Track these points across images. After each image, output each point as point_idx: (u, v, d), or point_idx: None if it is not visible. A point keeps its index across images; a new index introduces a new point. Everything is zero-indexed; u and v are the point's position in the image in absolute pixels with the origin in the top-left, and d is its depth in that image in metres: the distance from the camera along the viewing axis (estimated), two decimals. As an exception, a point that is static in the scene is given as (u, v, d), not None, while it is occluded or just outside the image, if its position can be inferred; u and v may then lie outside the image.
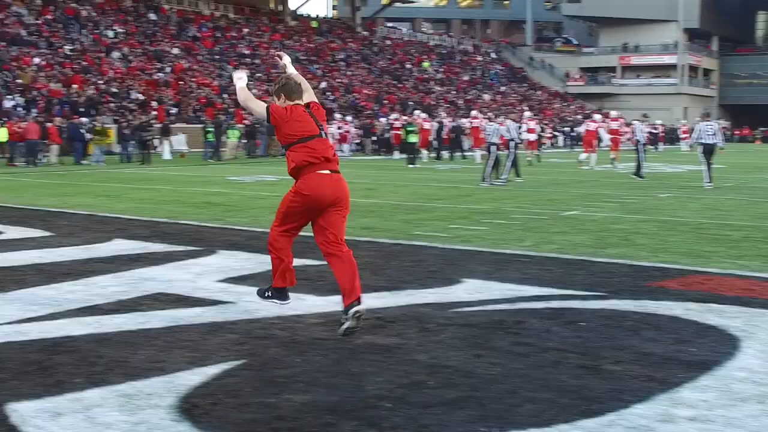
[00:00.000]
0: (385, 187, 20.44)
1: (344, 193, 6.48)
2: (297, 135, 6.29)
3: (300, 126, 6.30)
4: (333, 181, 6.35)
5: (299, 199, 6.35)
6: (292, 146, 6.33)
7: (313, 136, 6.31)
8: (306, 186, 6.27)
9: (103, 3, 58.64)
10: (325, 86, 61.12)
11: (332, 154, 6.43)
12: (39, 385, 5.11)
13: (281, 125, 6.36)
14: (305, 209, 6.39)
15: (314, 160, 6.26)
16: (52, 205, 15.86)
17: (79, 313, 6.98)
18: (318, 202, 6.32)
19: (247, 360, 5.66)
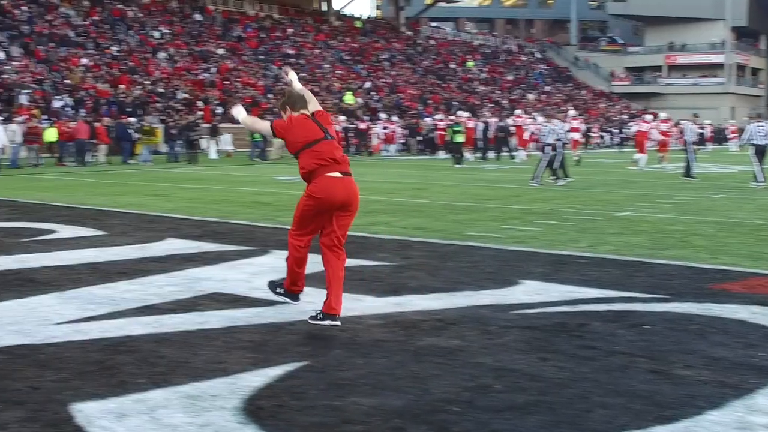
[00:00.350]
0: (433, 186, 20.33)
1: (355, 196, 6.64)
2: (302, 141, 6.50)
3: (303, 132, 6.52)
4: (344, 183, 6.51)
5: (312, 202, 6.52)
6: (300, 153, 6.54)
7: (318, 139, 6.50)
8: (317, 189, 6.45)
9: (149, 4, 59.08)
10: (370, 86, 61.13)
11: (340, 155, 6.57)
12: (102, 385, 5.08)
13: (286, 135, 6.60)
14: (318, 211, 6.54)
15: (323, 162, 6.44)
16: (103, 204, 15.93)
17: (137, 313, 6.95)
18: (330, 204, 6.47)
19: (309, 361, 5.59)
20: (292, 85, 7.15)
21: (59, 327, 6.48)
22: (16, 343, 6.03)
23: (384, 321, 6.68)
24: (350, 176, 6.60)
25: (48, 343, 6.04)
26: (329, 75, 61.00)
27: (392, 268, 9.07)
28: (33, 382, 5.13)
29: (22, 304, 7.28)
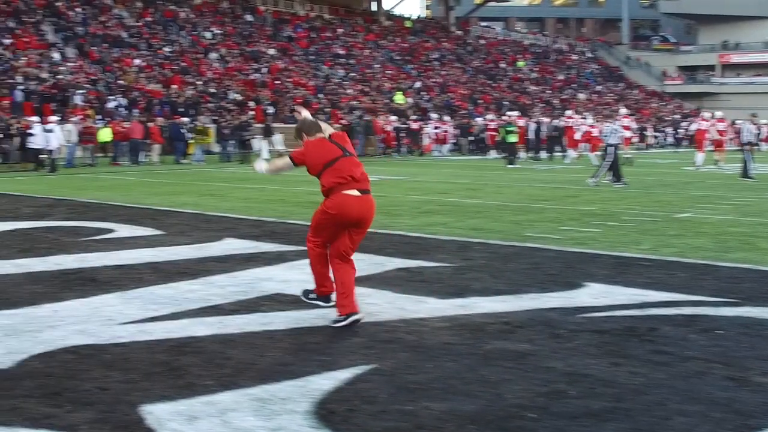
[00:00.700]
0: (487, 187, 20.17)
1: (370, 215, 6.80)
2: (321, 162, 6.58)
3: (322, 153, 6.62)
4: (360, 201, 6.65)
5: (325, 217, 6.67)
6: (321, 174, 6.60)
7: (337, 157, 6.59)
8: (332, 205, 6.57)
9: (200, 5, 59.47)
10: (420, 86, 61.02)
11: (360, 172, 6.69)
12: (170, 386, 5.04)
13: (305, 160, 6.66)
14: (332, 225, 6.66)
15: (342, 180, 6.55)
16: (159, 203, 16.00)
17: (200, 313, 6.92)
18: (344, 221, 6.62)
19: (377, 364, 5.51)
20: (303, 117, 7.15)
21: (124, 327, 6.47)
22: (81, 343, 6.02)
23: (450, 324, 6.57)
24: (369, 194, 6.76)
25: (113, 343, 6.03)
26: (379, 75, 60.97)
27: (453, 270, 8.97)
28: (101, 382, 5.11)
29: (86, 304, 7.29)
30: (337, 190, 6.54)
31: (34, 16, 47.37)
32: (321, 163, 6.57)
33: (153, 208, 15.16)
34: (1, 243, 10.99)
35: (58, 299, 7.46)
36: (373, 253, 9.94)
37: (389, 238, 11.29)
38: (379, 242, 10.88)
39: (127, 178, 23.80)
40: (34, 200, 17.05)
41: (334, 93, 53.52)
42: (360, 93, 55.61)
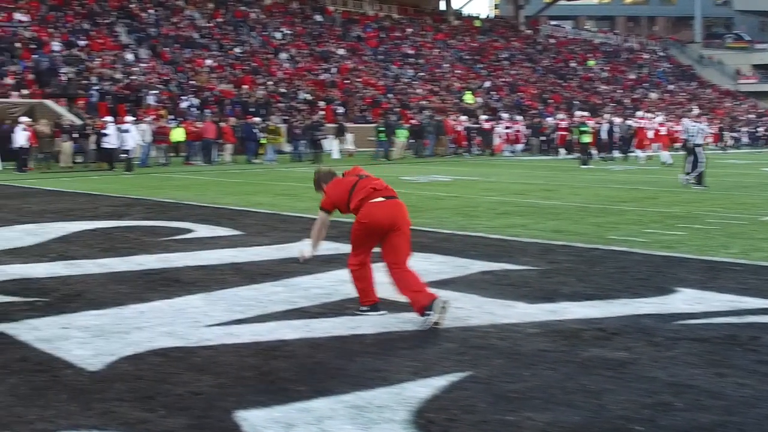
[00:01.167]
0: (562, 188, 19.86)
1: (401, 215, 6.88)
2: (344, 193, 6.83)
3: (341, 187, 6.89)
4: (387, 205, 6.79)
5: (360, 228, 6.78)
6: (349, 202, 6.81)
7: (355, 183, 6.85)
8: (363, 215, 6.71)
9: (270, 6, 59.82)
10: (489, 86, 60.65)
11: (379, 183, 6.90)
12: (262, 392, 4.95)
13: (332, 200, 6.90)
14: (368, 235, 6.78)
15: (365, 194, 6.73)
16: (235, 203, 16.01)
17: (286, 316, 6.83)
18: (377, 227, 6.71)
19: (473, 372, 5.35)
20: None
21: (211, 329, 6.40)
22: (170, 345, 5.96)
23: (542, 330, 6.39)
24: (395, 198, 6.90)
25: (202, 345, 5.97)
26: (449, 75, 60.75)
27: (539, 273, 8.77)
28: (193, 387, 5.03)
29: (171, 305, 7.25)
30: (364, 203, 6.71)
31: (108, 17, 48.01)
32: (344, 193, 6.81)
33: (230, 208, 15.17)
34: (83, 242, 11.05)
35: (143, 300, 7.43)
36: (454, 255, 9.80)
37: (469, 240, 11.13)
38: (460, 244, 10.73)
39: (201, 178, 23.94)
40: (112, 199, 17.19)
41: (403, 93, 53.42)
42: (429, 93, 55.45)
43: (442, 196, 17.58)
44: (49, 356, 5.71)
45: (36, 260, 9.64)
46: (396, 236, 6.76)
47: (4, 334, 6.28)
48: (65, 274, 8.78)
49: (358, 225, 6.76)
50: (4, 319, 6.72)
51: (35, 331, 6.33)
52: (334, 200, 6.89)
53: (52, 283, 8.27)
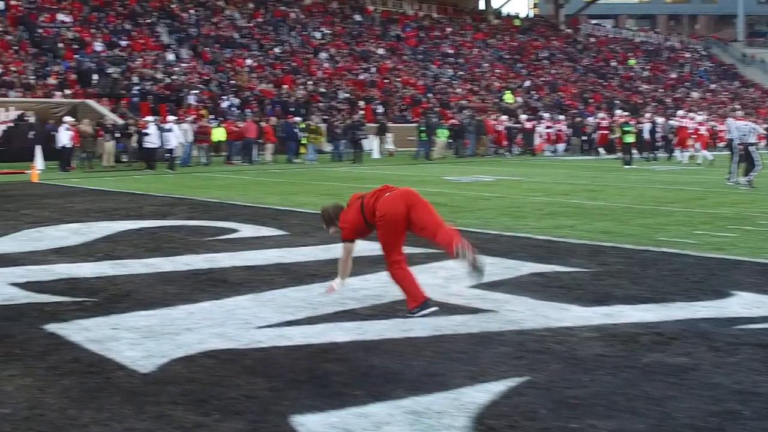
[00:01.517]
0: (607, 188, 19.64)
1: (413, 195, 6.98)
2: (358, 214, 6.94)
3: (353, 211, 7.01)
4: (396, 194, 6.92)
5: (383, 224, 6.83)
6: (365, 217, 6.92)
7: (362, 203, 6.97)
8: (379, 209, 6.81)
9: (310, 5, 59.88)
10: (529, 85, 60.33)
11: (382, 187, 7.08)
12: (317, 395, 4.85)
13: (351, 227, 6.96)
14: (392, 228, 6.84)
15: (375, 199, 6.91)
16: (279, 203, 15.97)
17: (337, 318, 6.74)
18: (396, 216, 6.79)
19: (530, 377, 5.23)
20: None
21: (261, 331, 6.33)
22: (221, 347, 5.89)
23: (599, 333, 6.25)
24: (398, 188, 7.02)
25: (253, 347, 5.89)
26: (488, 74, 60.51)
27: (591, 275, 8.61)
28: (246, 390, 4.95)
29: (220, 306, 7.18)
30: (377, 204, 6.84)
31: (150, 18, 48.27)
32: (357, 215, 6.93)
33: (274, 208, 15.12)
34: (128, 242, 11.04)
35: (191, 300, 7.38)
36: (502, 257, 9.66)
37: (517, 241, 10.98)
38: (508, 245, 10.60)
39: (243, 178, 23.95)
40: (156, 199, 17.22)
41: (443, 92, 53.26)
42: (469, 92, 55.26)
43: (486, 196, 17.43)
44: (101, 357, 5.66)
45: (82, 260, 9.64)
46: (416, 211, 6.82)
47: (55, 335, 6.24)
48: (112, 273, 8.75)
49: (382, 221, 6.79)
50: (54, 319, 6.69)
51: (85, 332, 6.29)
52: (353, 226, 6.94)
53: (99, 283, 8.25)
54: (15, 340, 6.11)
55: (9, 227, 12.59)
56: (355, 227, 6.94)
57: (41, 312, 6.97)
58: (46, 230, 12.26)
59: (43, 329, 6.41)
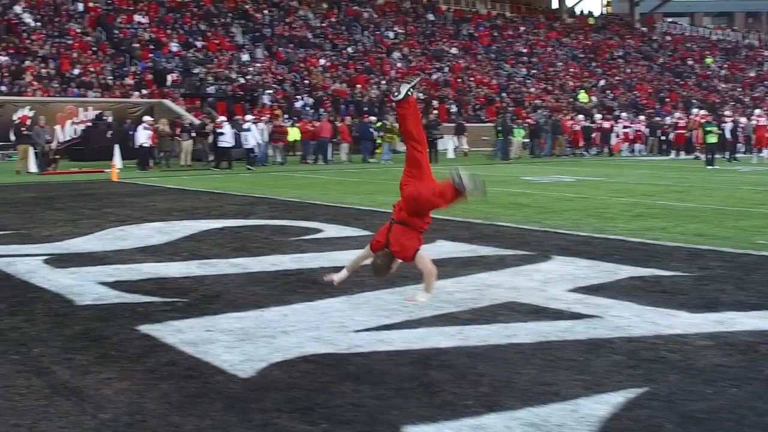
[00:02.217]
0: (693, 189, 19.11)
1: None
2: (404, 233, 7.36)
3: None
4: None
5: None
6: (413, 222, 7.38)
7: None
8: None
9: (383, 5, 59.79)
10: (604, 84, 59.50)
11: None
12: (426, 405, 4.63)
13: (400, 241, 7.30)
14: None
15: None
16: (359, 203, 15.80)
17: (435, 322, 6.51)
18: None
19: (649, 387, 4.93)
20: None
21: (359, 335, 6.12)
22: (320, 351, 5.69)
23: (714, 342, 5.92)
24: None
25: (353, 352, 5.68)
26: (562, 73, 59.82)
27: (693, 280, 8.25)
28: (352, 398, 4.74)
29: (313, 308, 7.00)
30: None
31: (224, 18, 48.57)
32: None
33: (355, 208, 14.95)
34: (213, 242, 10.94)
35: (283, 302, 7.21)
36: (598, 259, 9.35)
37: (610, 243, 10.63)
38: (600, 247, 10.26)
39: (320, 177, 23.86)
40: (235, 198, 17.18)
41: (517, 92, 52.76)
42: (543, 92, 54.69)
43: (569, 197, 17.05)
44: (197, 361, 5.50)
45: (169, 259, 9.55)
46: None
47: (149, 336, 6.11)
48: (200, 274, 8.63)
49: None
50: (146, 320, 6.57)
51: (179, 334, 6.15)
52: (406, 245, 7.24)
53: (188, 283, 8.12)
54: (110, 341, 5.99)
55: (93, 225, 12.60)
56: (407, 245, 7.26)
57: (133, 312, 6.86)
58: (129, 229, 12.23)
59: (136, 330, 6.29)
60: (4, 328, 6.40)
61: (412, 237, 7.25)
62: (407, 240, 7.21)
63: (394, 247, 7.21)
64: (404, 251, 7.15)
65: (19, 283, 8.24)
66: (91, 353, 5.70)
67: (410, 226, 7.28)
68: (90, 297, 7.46)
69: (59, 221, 13.24)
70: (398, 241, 7.20)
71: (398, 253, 7.20)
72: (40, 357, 5.64)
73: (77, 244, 10.73)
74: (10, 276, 8.59)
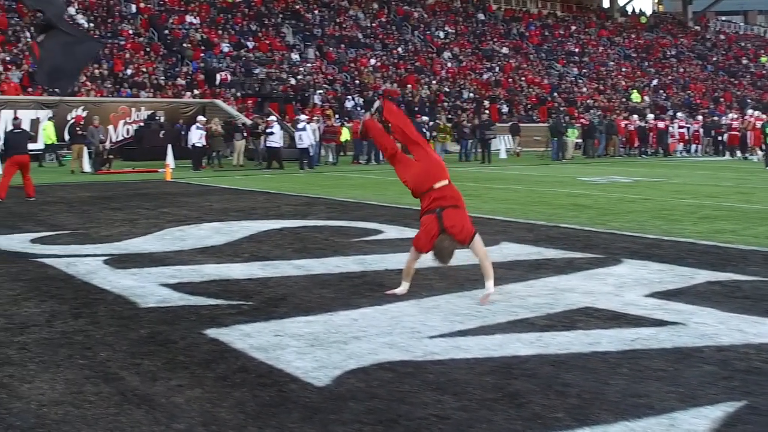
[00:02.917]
0: (758, 191, 18.63)
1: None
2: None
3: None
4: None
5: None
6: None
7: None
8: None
9: (433, 4, 59.51)
10: (657, 84, 58.72)
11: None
12: (514, 418, 4.39)
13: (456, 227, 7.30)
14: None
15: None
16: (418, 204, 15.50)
17: (511, 328, 6.26)
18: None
19: (748, 401, 4.64)
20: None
21: (434, 341, 5.89)
22: (395, 358, 5.47)
23: (810, 352, 5.61)
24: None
25: (430, 360, 5.45)
26: (614, 73, 59.14)
27: (774, 285, 7.93)
28: (435, 409, 4.52)
29: (383, 312, 6.78)
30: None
31: (275, 19, 48.59)
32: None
33: (413, 209, 14.65)
34: (273, 242, 10.77)
35: (351, 306, 7.00)
36: (671, 263, 9.03)
37: (681, 246, 10.29)
38: (672, 251, 9.93)
39: (374, 177, 23.67)
40: (291, 198, 17.04)
41: (568, 92, 52.22)
42: (595, 91, 54.08)
43: (630, 198, 16.68)
44: (269, 367, 5.30)
45: (230, 260, 9.39)
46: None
47: (218, 341, 5.93)
48: (263, 275, 8.45)
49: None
50: (213, 324, 6.40)
51: (248, 338, 5.96)
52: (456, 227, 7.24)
53: (252, 285, 7.95)
54: (177, 346, 5.82)
55: (151, 225, 12.51)
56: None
57: (198, 315, 6.69)
58: (188, 229, 12.12)
59: (203, 335, 6.11)
60: (68, 331, 6.26)
61: (468, 219, 7.33)
62: (466, 221, 7.27)
63: (454, 229, 7.14)
64: (465, 231, 7.15)
65: (81, 284, 8.12)
66: (158, 358, 5.52)
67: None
68: (153, 299, 7.31)
69: (117, 221, 13.17)
70: (459, 223, 7.18)
71: (460, 233, 7.14)
72: (107, 362, 5.48)
73: (136, 245, 10.62)
74: (71, 277, 8.48)
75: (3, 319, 6.69)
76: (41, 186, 18.43)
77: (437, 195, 7.36)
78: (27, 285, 8.07)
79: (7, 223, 13.13)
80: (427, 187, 7.44)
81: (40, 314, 6.83)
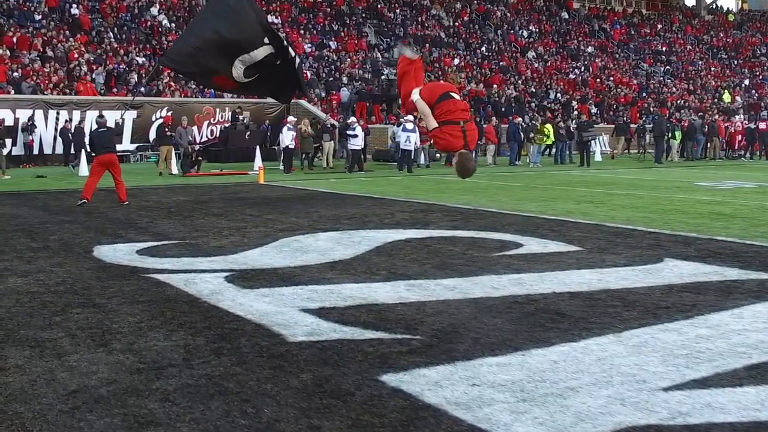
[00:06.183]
0: None
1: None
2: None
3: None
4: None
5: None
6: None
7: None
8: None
9: (516, 3, 58.13)
10: (748, 83, 56.64)
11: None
12: None
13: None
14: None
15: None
16: (540, 211, 14.35)
17: (756, 376, 5.06)
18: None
19: None
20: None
21: (673, 395, 4.73)
22: (639, 422, 4.32)
23: None
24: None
25: (683, 424, 4.29)
26: (703, 72, 57.16)
27: None
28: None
29: (583, 351, 5.64)
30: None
31: (357, 18, 47.69)
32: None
33: (541, 218, 13.48)
34: (406, 256, 9.63)
35: (540, 342, 5.86)
36: None
37: None
38: None
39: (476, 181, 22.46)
40: (400, 204, 15.95)
41: (658, 92, 50.50)
42: (685, 92, 52.25)
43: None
44: (484, 433, 4.19)
45: (368, 278, 8.30)
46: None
47: (403, 392, 4.80)
48: (416, 299, 7.33)
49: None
50: (385, 366, 5.30)
51: (438, 389, 4.84)
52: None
53: (408, 312, 6.82)
54: (355, 400, 4.68)
55: (263, 235, 11.51)
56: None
57: (364, 354, 5.59)
58: (304, 239, 11.07)
59: (380, 382, 5.00)
60: (214, 375, 5.18)
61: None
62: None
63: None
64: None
65: (209, 308, 7.06)
66: (340, 419, 4.40)
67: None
68: (301, 331, 6.23)
69: (224, 229, 12.20)
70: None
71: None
72: (276, 422, 4.35)
73: (255, 258, 9.60)
74: (195, 299, 7.42)
75: (131, 355, 5.62)
76: (131, 188, 17.56)
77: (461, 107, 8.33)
78: (148, 309, 7.02)
79: (107, 230, 12.23)
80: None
81: (173, 349, 5.77)
